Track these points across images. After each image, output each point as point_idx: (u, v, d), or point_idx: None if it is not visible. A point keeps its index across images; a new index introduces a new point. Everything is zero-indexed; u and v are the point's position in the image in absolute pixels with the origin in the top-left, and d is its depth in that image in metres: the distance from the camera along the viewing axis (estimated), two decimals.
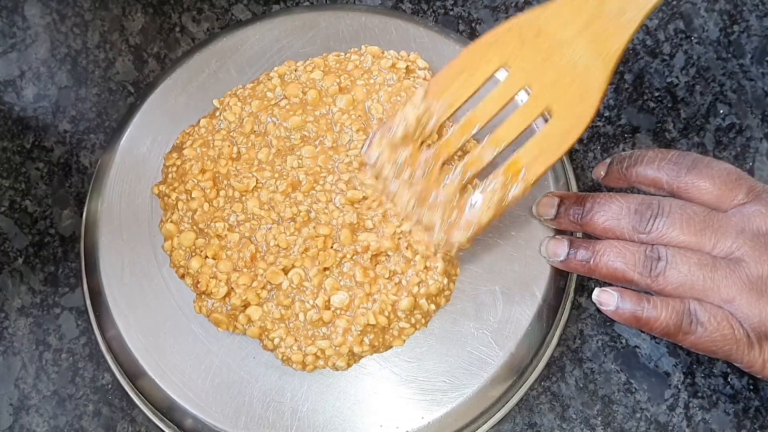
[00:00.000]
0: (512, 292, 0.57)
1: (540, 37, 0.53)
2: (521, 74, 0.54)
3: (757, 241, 0.52)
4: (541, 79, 0.54)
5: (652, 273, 0.53)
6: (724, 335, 0.51)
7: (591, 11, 0.53)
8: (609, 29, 0.53)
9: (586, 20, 0.53)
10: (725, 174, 0.54)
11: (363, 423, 0.55)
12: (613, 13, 0.52)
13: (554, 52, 0.53)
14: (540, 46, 0.54)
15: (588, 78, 0.53)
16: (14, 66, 0.66)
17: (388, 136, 0.55)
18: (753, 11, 0.67)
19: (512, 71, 0.54)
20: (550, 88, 0.53)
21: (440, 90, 0.55)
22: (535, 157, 0.54)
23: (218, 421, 0.55)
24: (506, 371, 0.56)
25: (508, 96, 0.54)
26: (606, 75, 0.53)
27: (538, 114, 0.54)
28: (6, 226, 0.62)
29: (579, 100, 0.53)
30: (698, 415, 0.59)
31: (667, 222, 0.53)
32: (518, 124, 0.54)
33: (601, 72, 0.53)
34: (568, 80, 0.53)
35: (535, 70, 0.54)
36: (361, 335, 0.55)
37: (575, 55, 0.53)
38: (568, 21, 0.53)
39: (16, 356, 0.60)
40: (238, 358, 0.56)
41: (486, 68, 0.54)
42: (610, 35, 0.53)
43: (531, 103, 0.54)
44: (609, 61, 0.53)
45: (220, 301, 0.56)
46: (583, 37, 0.53)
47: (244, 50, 0.63)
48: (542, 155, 0.54)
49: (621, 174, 0.57)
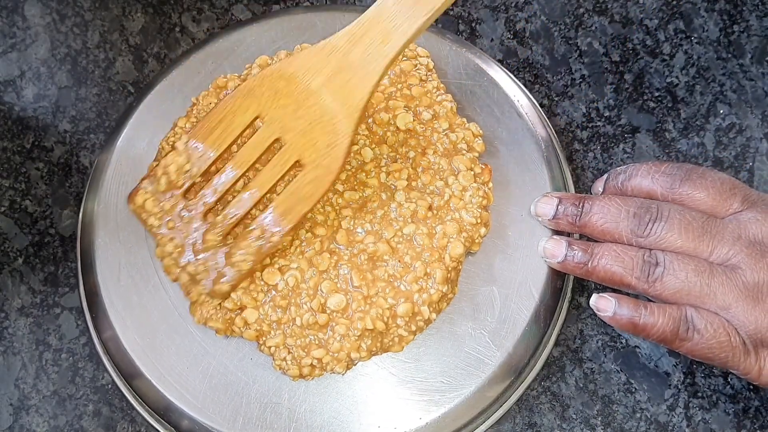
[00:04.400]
0: (510, 292, 0.57)
1: (291, 86, 0.54)
2: (275, 124, 0.55)
3: (753, 248, 0.52)
4: (293, 129, 0.55)
5: (649, 278, 0.53)
6: (721, 342, 0.52)
7: (336, 62, 0.54)
8: (353, 80, 0.53)
9: (332, 71, 0.54)
10: (719, 184, 0.54)
11: (361, 424, 0.55)
12: (357, 65, 0.53)
13: (304, 102, 0.54)
14: (291, 95, 0.54)
15: (335, 129, 0.54)
16: (14, 66, 0.66)
17: (151, 186, 0.57)
18: (753, 11, 0.67)
19: (267, 121, 0.55)
20: (301, 137, 0.54)
21: (200, 140, 0.56)
22: (290, 207, 0.55)
23: (215, 423, 0.55)
24: (504, 371, 0.56)
25: (263, 146, 0.55)
26: (351, 126, 0.54)
27: (291, 163, 0.55)
28: (6, 226, 0.63)
29: (327, 151, 0.54)
30: (698, 415, 0.59)
31: (666, 227, 0.53)
32: (273, 174, 0.55)
33: (347, 123, 0.54)
34: (317, 131, 0.54)
35: (286, 119, 0.55)
36: (358, 340, 0.55)
37: (323, 106, 0.54)
38: (316, 71, 0.54)
39: (16, 356, 0.60)
40: (235, 360, 0.56)
41: (242, 118, 0.56)
42: (354, 86, 0.53)
43: (284, 153, 0.55)
44: (353, 112, 0.54)
45: (215, 307, 0.56)
46: (329, 87, 0.54)
47: (240, 51, 0.63)
48: (296, 205, 0.55)
49: (617, 189, 0.57)
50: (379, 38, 0.53)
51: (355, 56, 0.53)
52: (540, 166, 0.60)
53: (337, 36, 0.54)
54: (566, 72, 0.67)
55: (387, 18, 0.53)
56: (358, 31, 0.53)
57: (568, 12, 0.68)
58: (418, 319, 0.56)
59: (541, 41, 0.67)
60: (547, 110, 0.65)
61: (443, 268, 0.56)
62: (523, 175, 0.60)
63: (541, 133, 0.61)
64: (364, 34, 0.53)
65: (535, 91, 0.66)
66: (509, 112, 0.62)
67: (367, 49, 0.53)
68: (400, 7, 0.52)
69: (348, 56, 0.53)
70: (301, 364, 0.55)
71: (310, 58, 0.54)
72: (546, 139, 0.61)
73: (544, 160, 0.60)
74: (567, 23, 0.67)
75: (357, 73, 0.53)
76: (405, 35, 0.52)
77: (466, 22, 0.68)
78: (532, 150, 0.61)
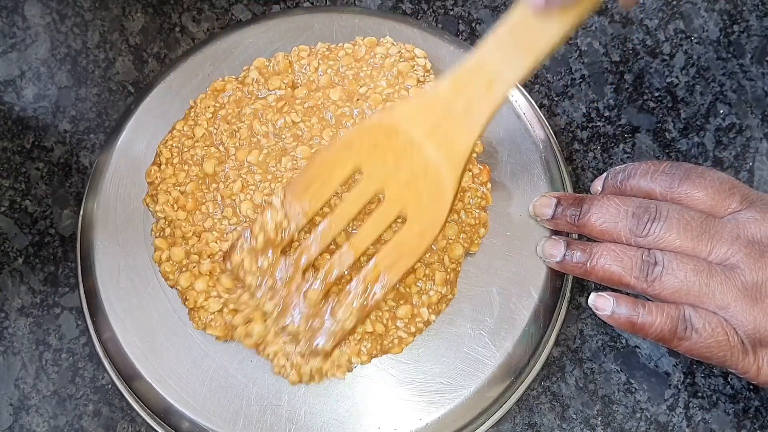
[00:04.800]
0: (509, 292, 0.57)
1: (391, 139, 0.53)
2: (375, 177, 0.53)
3: (752, 248, 0.52)
4: (395, 182, 0.53)
5: (648, 277, 0.53)
6: (719, 341, 0.52)
7: (438, 113, 0.52)
8: (455, 131, 0.52)
9: (434, 122, 0.52)
10: (718, 183, 0.54)
11: (361, 425, 0.55)
12: (460, 115, 0.52)
13: (405, 154, 0.53)
14: (392, 147, 0.53)
15: (439, 180, 0.52)
16: (14, 66, 0.66)
17: (248, 244, 0.55)
18: (753, 11, 0.67)
19: (366, 174, 0.54)
20: (404, 190, 0.53)
21: (297, 196, 0.55)
22: (394, 262, 0.54)
23: (215, 425, 0.55)
24: (503, 372, 0.56)
25: (363, 200, 0.54)
26: (455, 177, 0.52)
27: (393, 217, 0.54)
28: (6, 226, 0.63)
29: (431, 203, 0.53)
30: (698, 415, 0.59)
31: (665, 226, 0.53)
32: (375, 228, 0.54)
33: (451, 175, 0.52)
34: (420, 183, 0.53)
35: (387, 172, 0.53)
36: (358, 344, 0.55)
37: (425, 157, 0.52)
38: (417, 122, 0.52)
39: (16, 356, 0.60)
40: (235, 362, 0.56)
41: (341, 172, 0.54)
42: (457, 137, 0.52)
43: (386, 207, 0.53)
44: (458, 164, 0.52)
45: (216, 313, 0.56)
46: (432, 138, 0.52)
47: (238, 53, 0.63)
48: (400, 260, 0.54)
49: (616, 188, 0.57)
50: (482, 87, 0.51)
51: (458, 106, 0.52)
52: (538, 166, 0.60)
53: (438, 85, 0.52)
54: (566, 72, 0.67)
55: (489, 65, 0.51)
56: (460, 79, 0.52)
57: None
58: (418, 320, 0.56)
59: None
60: (547, 110, 0.65)
61: (442, 270, 0.56)
62: (522, 176, 0.60)
63: (539, 133, 0.61)
64: (466, 83, 0.51)
65: (535, 91, 0.66)
66: (507, 112, 0.61)
67: (469, 99, 0.51)
68: (502, 54, 0.50)
69: (450, 106, 0.52)
70: (301, 372, 0.55)
71: (411, 109, 0.53)
72: (544, 139, 0.61)
73: (542, 160, 0.60)
74: None
75: (460, 123, 0.52)
76: (508, 83, 0.51)
77: (466, 22, 0.68)
78: (531, 150, 0.61)
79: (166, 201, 0.58)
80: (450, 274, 0.57)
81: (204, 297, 0.56)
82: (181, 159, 0.59)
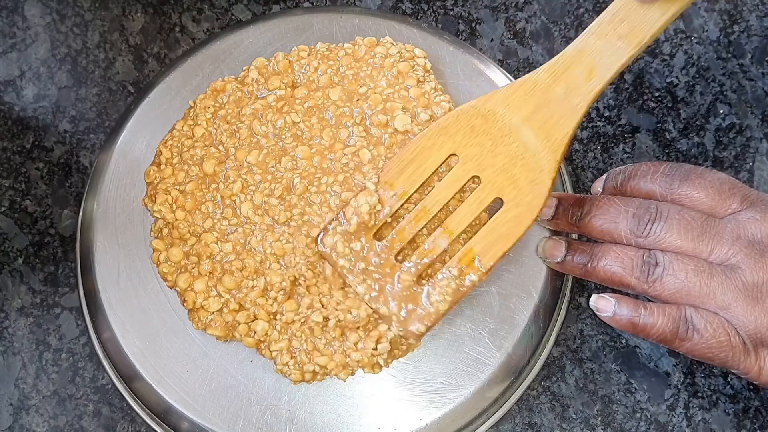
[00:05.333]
0: (509, 292, 0.57)
1: (488, 124, 0.54)
2: (471, 161, 0.54)
3: (752, 248, 0.52)
4: (491, 166, 0.54)
5: (649, 278, 0.53)
6: (720, 342, 0.52)
7: (538, 98, 0.53)
8: (555, 117, 0.53)
9: (533, 107, 0.53)
10: (718, 184, 0.54)
11: (361, 426, 0.55)
12: (560, 101, 0.53)
13: (503, 139, 0.53)
14: (488, 132, 0.54)
15: (537, 165, 0.53)
16: (14, 66, 0.66)
17: (341, 227, 0.55)
18: (753, 11, 0.67)
19: (462, 158, 0.54)
20: (500, 174, 0.54)
21: (392, 179, 0.55)
22: (489, 245, 0.54)
23: (215, 425, 0.55)
24: (503, 372, 0.56)
25: (459, 184, 0.54)
26: (555, 162, 0.53)
27: (489, 201, 0.54)
28: (6, 226, 0.63)
29: (529, 188, 0.53)
30: (698, 415, 0.59)
31: (665, 227, 0.53)
32: (470, 212, 0.54)
33: (550, 159, 0.53)
34: (518, 167, 0.53)
35: (484, 157, 0.54)
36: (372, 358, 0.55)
37: (524, 142, 0.53)
38: (516, 108, 0.53)
39: (16, 356, 0.60)
40: (235, 362, 0.56)
41: (436, 156, 0.55)
42: (557, 122, 0.53)
43: (482, 191, 0.54)
44: (557, 149, 0.53)
45: (216, 313, 0.56)
46: (531, 124, 0.53)
47: (237, 54, 0.62)
48: (496, 243, 0.54)
49: (616, 189, 0.57)
50: (583, 74, 0.52)
51: (558, 92, 0.53)
52: None
53: (538, 72, 0.53)
54: None
55: (590, 53, 0.52)
56: (560, 66, 0.53)
57: (568, 12, 0.68)
58: None
59: (541, 41, 0.67)
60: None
61: None
62: None
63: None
64: (566, 69, 0.53)
65: None
66: None
67: (569, 85, 0.52)
68: (604, 42, 0.52)
69: (550, 92, 0.53)
70: (304, 370, 0.55)
71: (509, 94, 0.54)
72: None
73: None
74: (567, 23, 0.67)
75: (560, 108, 0.53)
76: (611, 70, 0.52)
77: (466, 22, 0.68)
78: None
79: (163, 201, 0.58)
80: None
81: (203, 297, 0.56)
82: (181, 159, 0.59)
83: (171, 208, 0.58)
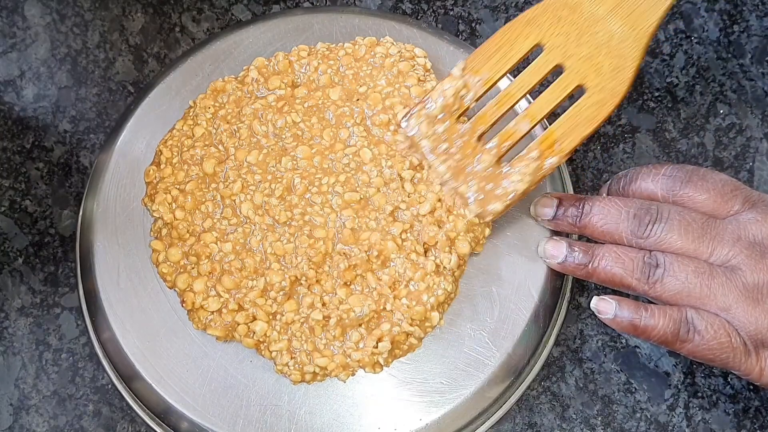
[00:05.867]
0: (509, 292, 0.57)
1: (575, 14, 0.55)
2: (557, 50, 0.55)
3: (753, 249, 0.52)
4: (576, 55, 0.55)
5: (649, 279, 0.53)
6: (721, 343, 0.52)
7: None
8: (642, 6, 0.54)
9: None
10: (720, 185, 0.54)
11: (361, 426, 0.55)
12: None
13: (589, 29, 0.55)
14: (575, 22, 0.55)
15: (622, 53, 0.55)
16: (14, 66, 0.66)
17: (426, 110, 0.57)
18: (753, 11, 0.67)
19: (547, 47, 0.56)
20: (585, 63, 0.55)
21: (478, 66, 0.56)
22: (570, 130, 0.55)
23: (215, 425, 0.55)
24: (504, 372, 0.56)
25: (543, 72, 0.56)
26: (640, 50, 0.54)
27: (572, 88, 0.55)
28: (6, 226, 0.63)
29: (613, 74, 0.55)
30: (698, 415, 0.59)
31: (666, 228, 0.53)
32: (553, 97, 0.56)
33: (635, 48, 0.54)
34: (603, 55, 0.55)
35: (569, 46, 0.55)
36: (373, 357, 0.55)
37: (609, 31, 0.55)
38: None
39: (16, 356, 0.60)
40: (235, 362, 0.56)
41: (522, 45, 0.56)
42: (644, 11, 0.54)
43: (566, 78, 0.55)
44: (642, 37, 0.54)
45: (216, 313, 0.56)
46: (617, 13, 0.55)
47: (237, 54, 0.62)
48: (576, 128, 0.55)
49: (619, 193, 0.57)
50: None
51: None
52: None
53: None
54: None
55: None
56: None
57: None
58: (427, 325, 0.56)
59: None
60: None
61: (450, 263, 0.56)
62: None
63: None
64: None
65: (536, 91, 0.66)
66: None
67: None
68: None
69: None
70: (304, 371, 0.55)
71: None
72: None
73: None
74: None
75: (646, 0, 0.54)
76: None
77: (466, 22, 0.68)
78: None
79: (162, 201, 0.58)
80: (456, 271, 0.57)
81: (203, 297, 0.56)
82: (181, 159, 0.59)
83: (170, 208, 0.58)
